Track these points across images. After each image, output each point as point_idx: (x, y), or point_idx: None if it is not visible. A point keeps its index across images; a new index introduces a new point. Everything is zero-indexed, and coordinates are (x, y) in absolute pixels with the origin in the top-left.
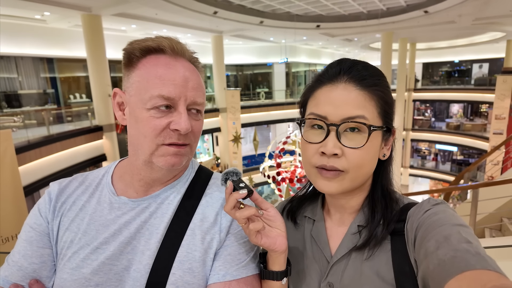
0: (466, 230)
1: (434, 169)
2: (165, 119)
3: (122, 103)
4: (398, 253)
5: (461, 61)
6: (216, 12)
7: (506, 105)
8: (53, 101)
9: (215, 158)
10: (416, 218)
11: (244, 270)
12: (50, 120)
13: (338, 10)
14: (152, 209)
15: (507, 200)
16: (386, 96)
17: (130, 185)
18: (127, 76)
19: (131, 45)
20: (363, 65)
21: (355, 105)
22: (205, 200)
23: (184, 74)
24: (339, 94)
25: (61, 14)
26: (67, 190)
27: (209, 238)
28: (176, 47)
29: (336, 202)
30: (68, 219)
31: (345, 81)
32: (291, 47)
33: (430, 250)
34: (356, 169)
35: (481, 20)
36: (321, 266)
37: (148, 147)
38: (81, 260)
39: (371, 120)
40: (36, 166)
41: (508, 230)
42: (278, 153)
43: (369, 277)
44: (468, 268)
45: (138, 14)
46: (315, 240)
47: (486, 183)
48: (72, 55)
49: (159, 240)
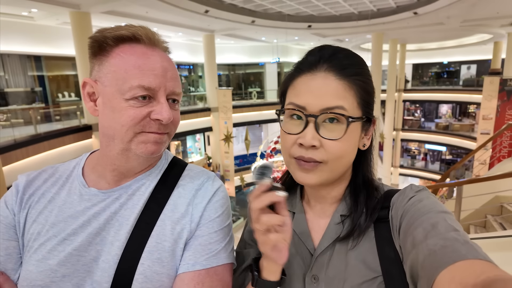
0: (450, 217)
1: (423, 168)
2: (145, 109)
3: (93, 93)
4: (382, 240)
5: (450, 62)
6: (207, 11)
7: (493, 105)
8: (40, 100)
9: (207, 157)
10: (400, 205)
11: (214, 259)
12: (38, 119)
13: (330, 10)
14: (123, 200)
15: (491, 197)
16: (367, 85)
17: (103, 176)
18: (98, 65)
19: (101, 33)
20: (345, 53)
21: (335, 95)
22: (177, 191)
23: (163, 64)
24: (318, 84)
25: (49, 11)
26: (35, 182)
27: (179, 229)
28: (152, 36)
29: (317, 193)
30: (36, 211)
31: (325, 70)
32: (283, 47)
33: (419, 239)
34: (335, 160)
35: (469, 22)
36: (304, 259)
37: (125, 135)
38: (48, 251)
39: (350, 110)
40: (22, 165)
41: (492, 227)
42: (269, 153)
43: (354, 266)
44: (460, 258)
45: (128, 12)
46: (296, 233)
47: (470, 180)
48: (60, 53)
49: (128, 231)
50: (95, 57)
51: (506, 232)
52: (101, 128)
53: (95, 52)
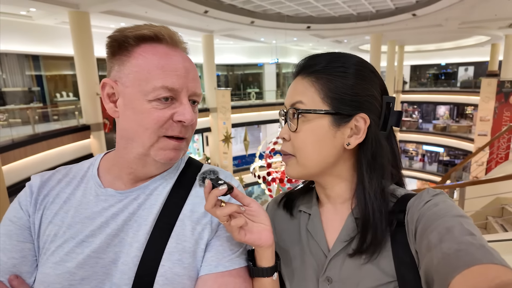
0: (467, 221)
1: (421, 169)
2: (168, 111)
3: (113, 94)
4: (398, 244)
5: (448, 64)
6: (206, 11)
7: (490, 107)
8: (38, 100)
9: (205, 158)
10: (416, 209)
11: (237, 260)
12: (36, 118)
13: (329, 11)
14: (141, 200)
15: (492, 199)
16: (335, 81)
17: (119, 178)
18: (119, 65)
19: (121, 33)
20: (316, 55)
21: (296, 92)
22: (195, 191)
23: (185, 65)
24: (291, 86)
25: (47, 11)
26: (49, 182)
27: (200, 229)
28: (174, 36)
29: (322, 191)
30: (51, 212)
31: (297, 74)
32: (281, 48)
33: (433, 243)
34: (299, 152)
35: (467, 24)
36: (318, 260)
37: (148, 139)
38: (65, 254)
39: (309, 104)
40: (20, 165)
41: (493, 228)
42: (268, 153)
43: (369, 269)
44: (474, 263)
45: (127, 12)
46: (311, 234)
47: (472, 181)
48: (58, 52)
49: (148, 232)
50: (114, 56)
51: (508, 235)
52: (120, 130)
53: (114, 51)
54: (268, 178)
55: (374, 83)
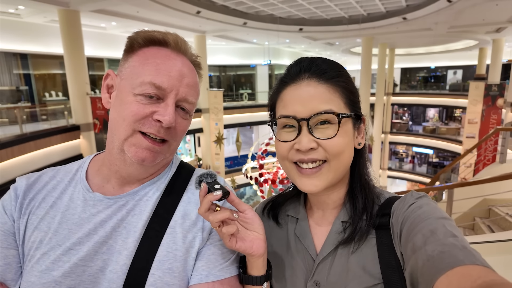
0: (450, 223)
1: (411, 171)
2: (150, 107)
3: (112, 86)
4: (384, 247)
5: (437, 67)
6: (199, 12)
7: (478, 110)
8: (26, 99)
9: (197, 159)
10: (401, 212)
11: (228, 270)
12: (24, 118)
13: (321, 14)
14: (130, 206)
15: (479, 200)
16: (349, 85)
17: (108, 179)
18: (124, 60)
19: (136, 34)
20: (322, 60)
21: (321, 99)
22: (186, 197)
23: (182, 69)
24: (304, 91)
25: (36, 8)
26: (36, 185)
27: (191, 237)
28: (181, 43)
29: (318, 198)
30: (36, 217)
31: (307, 78)
32: (274, 49)
33: (418, 245)
34: (336, 157)
35: (456, 28)
36: (306, 264)
37: (124, 130)
38: (52, 262)
39: (337, 110)
40: (7, 166)
41: (481, 229)
42: (260, 155)
43: (356, 273)
44: (457, 264)
45: (118, 11)
46: (299, 238)
47: (460, 183)
48: (48, 51)
49: (137, 239)
50: (125, 54)
51: (495, 236)
52: (109, 121)
53: (126, 50)
54: (260, 179)
55: None
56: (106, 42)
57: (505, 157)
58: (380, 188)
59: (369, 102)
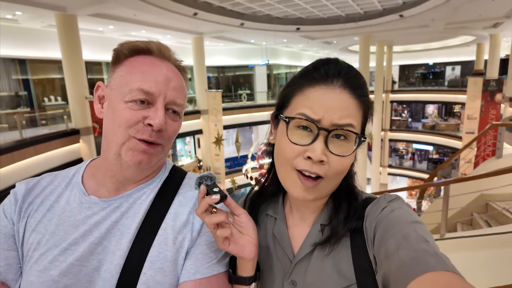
0: (421, 227)
1: (411, 168)
2: (141, 113)
3: (103, 96)
4: (357, 250)
5: (435, 64)
6: (196, 14)
7: (477, 105)
8: (26, 104)
9: (197, 160)
10: (374, 216)
11: (215, 267)
12: (23, 123)
13: (318, 13)
14: (124, 209)
15: (476, 196)
16: (370, 107)
17: (102, 183)
18: (112, 72)
19: (121, 45)
20: (357, 71)
21: (348, 113)
22: (178, 200)
23: (167, 74)
24: (335, 99)
25: (33, 14)
26: (34, 190)
27: (181, 238)
28: (164, 50)
29: (302, 202)
30: (35, 220)
31: (341, 86)
32: (272, 49)
33: (391, 250)
34: (335, 175)
35: (453, 25)
36: (284, 265)
37: (121, 136)
38: (49, 262)
39: (357, 128)
40: (7, 171)
41: (478, 224)
42: (260, 155)
43: (330, 275)
44: (428, 270)
45: (115, 15)
46: (277, 239)
47: (457, 179)
48: (46, 56)
49: (130, 240)
50: (112, 66)
51: (492, 230)
52: (103, 131)
53: (113, 61)
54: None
55: None
56: (104, 46)
57: (501, 152)
58: (358, 188)
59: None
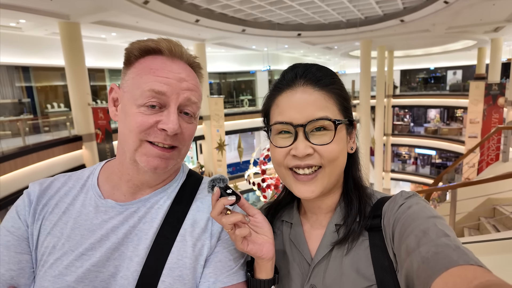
0: (441, 221)
1: (414, 172)
2: (154, 117)
3: (117, 99)
4: (376, 248)
5: (437, 68)
6: (198, 21)
7: (479, 109)
8: (29, 111)
9: (199, 166)
10: (391, 213)
11: (234, 276)
12: (26, 130)
13: (318, 19)
14: (141, 213)
15: (483, 200)
16: (343, 92)
17: (118, 187)
18: (124, 73)
19: (131, 45)
20: (317, 67)
21: (317, 106)
22: (195, 205)
23: (179, 74)
24: (299, 98)
25: (37, 22)
26: (48, 191)
27: (200, 245)
28: (174, 49)
29: (312, 203)
30: (50, 222)
31: (303, 84)
32: (273, 55)
33: (411, 247)
34: (331, 162)
35: (454, 29)
36: (302, 269)
37: (132, 142)
38: (65, 267)
39: (333, 117)
40: (10, 178)
41: (486, 229)
42: (263, 160)
43: (350, 275)
44: (452, 265)
45: (118, 22)
46: (294, 243)
47: (464, 183)
48: (49, 63)
49: (148, 246)
50: (124, 67)
51: (500, 235)
52: (118, 135)
53: (125, 62)
54: (263, 185)
55: None
56: (107, 53)
57: (508, 156)
58: (371, 189)
59: (370, 104)
